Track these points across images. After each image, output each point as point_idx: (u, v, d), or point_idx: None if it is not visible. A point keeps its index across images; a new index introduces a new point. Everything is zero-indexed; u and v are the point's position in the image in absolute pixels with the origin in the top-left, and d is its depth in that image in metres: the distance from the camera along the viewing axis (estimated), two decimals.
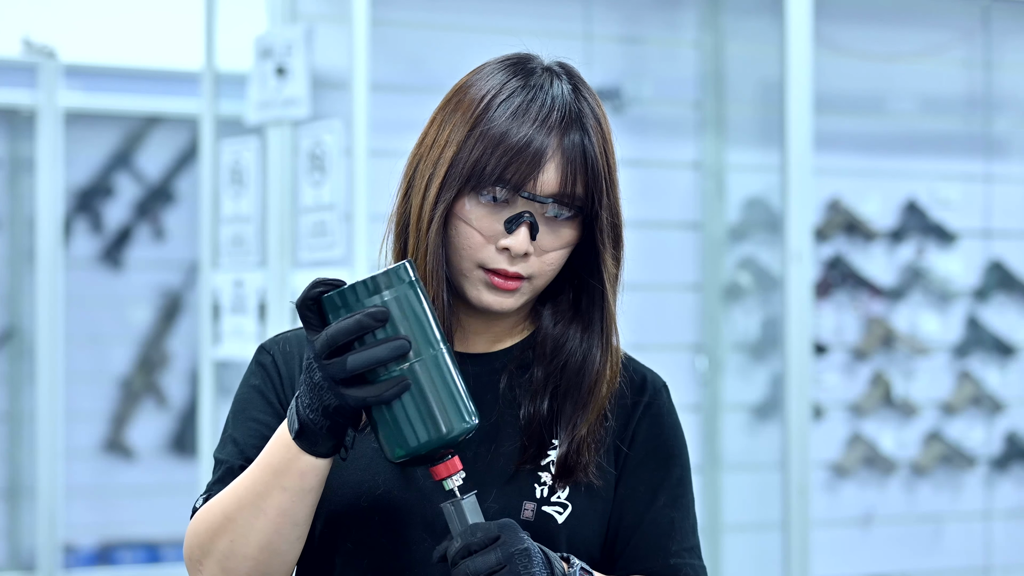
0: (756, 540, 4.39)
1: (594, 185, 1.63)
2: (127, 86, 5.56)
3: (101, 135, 5.63)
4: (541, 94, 1.64)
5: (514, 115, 1.62)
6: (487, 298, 1.64)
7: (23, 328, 5.40)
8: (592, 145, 1.63)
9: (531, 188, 1.62)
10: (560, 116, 1.63)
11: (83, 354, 5.52)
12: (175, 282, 5.70)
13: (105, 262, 5.66)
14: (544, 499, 1.66)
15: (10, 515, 5.38)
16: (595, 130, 1.65)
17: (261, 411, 1.69)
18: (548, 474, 1.66)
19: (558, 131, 1.62)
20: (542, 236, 1.64)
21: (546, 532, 1.65)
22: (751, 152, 4.48)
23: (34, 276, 5.11)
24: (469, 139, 1.63)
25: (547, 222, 1.64)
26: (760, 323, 4.46)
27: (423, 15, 4.08)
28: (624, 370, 1.74)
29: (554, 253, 1.65)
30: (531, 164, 1.61)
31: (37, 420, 5.03)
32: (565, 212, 1.64)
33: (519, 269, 1.64)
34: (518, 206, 1.63)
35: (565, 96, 1.64)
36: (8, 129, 5.42)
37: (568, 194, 1.62)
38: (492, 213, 1.63)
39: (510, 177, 1.61)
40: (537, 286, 1.66)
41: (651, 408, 1.74)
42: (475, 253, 1.64)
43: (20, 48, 5.13)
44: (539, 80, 1.65)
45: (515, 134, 1.61)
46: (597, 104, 1.68)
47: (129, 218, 5.69)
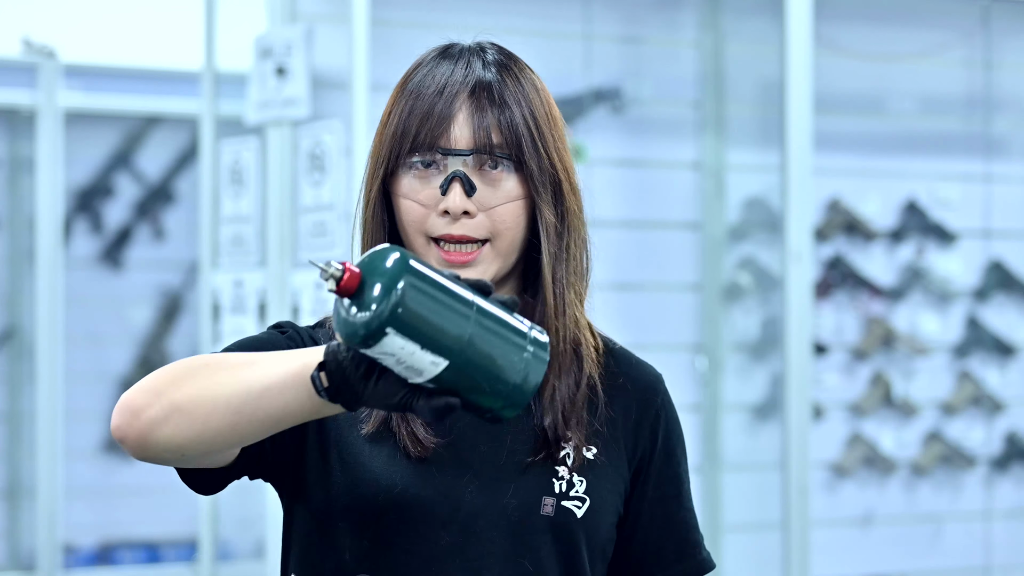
0: (756, 540, 4.39)
1: (511, 133, 1.63)
2: (127, 86, 5.56)
3: (101, 135, 5.63)
4: (454, 58, 1.66)
5: (425, 79, 1.64)
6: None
7: (23, 328, 5.40)
8: (505, 95, 1.64)
9: (445, 143, 1.62)
10: (469, 79, 1.64)
11: (83, 354, 5.52)
12: (175, 282, 5.70)
13: (105, 262, 5.66)
14: (563, 493, 1.64)
15: (10, 515, 5.38)
16: (513, 85, 1.65)
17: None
18: (565, 467, 1.65)
19: (466, 90, 1.63)
20: (482, 192, 1.63)
21: (566, 527, 1.64)
22: (751, 152, 4.48)
23: (34, 276, 5.11)
24: (392, 112, 1.65)
25: (482, 177, 1.63)
26: (760, 323, 4.46)
27: (423, 15, 4.08)
28: (628, 367, 1.74)
29: (503, 208, 1.64)
30: (440, 120, 1.62)
31: (37, 420, 5.03)
32: (500, 164, 1.63)
33: (466, 231, 1.63)
34: (447, 168, 1.62)
35: (478, 60, 1.66)
36: (8, 129, 5.42)
37: (485, 144, 1.62)
38: (425, 181, 1.64)
39: (424, 138, 1.62)
40: (500, 248, 1.65)
41: (664, 410, 1.74)
42: (420, 225, 1.64)
43: (20, 48, 5.13)
44: (456, 56, 1.67)
45: (425, 98, 1.63)
46: (523, 70, 1.69)
47: (129, 218, 5.69)
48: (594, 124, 4.29)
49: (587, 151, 4.27)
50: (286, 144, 3.65)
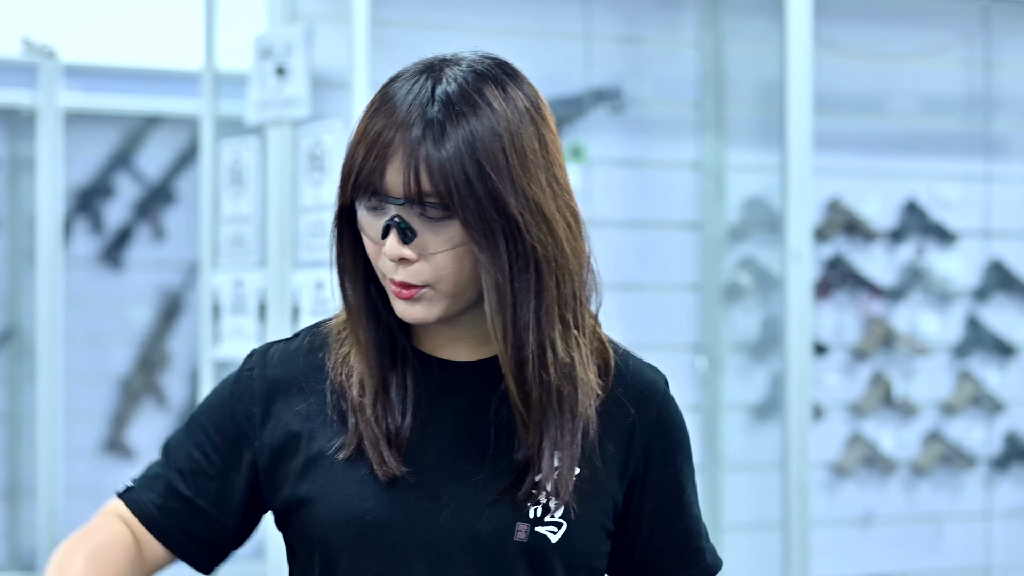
0: (756, 540, 4.39)
1: (444, 184, 1.55)
2: (127, 86, 5.55)
3: (101, 135, 5.62)
4: (406, 95, 1.58)
5: (371, 119, 1.59)
6: (400, 309, 1.61)
7: (23, 328, 5.40)
8: (442, 142, 1.55)
9: (381, 189, 1.57)
10: (408, 114, 1.57)
11: (83, 354, 5.52)
12: (175, 282, 5.70)
13: (105, 262, 5.66)
14: (538, 519, 1.62)
15: (10, 515, 5.38)
16: (460, 130, 1.56)
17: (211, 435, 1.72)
18: (543, 492, 1.63)
19: (403, 130, 1.56)
20: (423, 238, 1.57)
21: (540, 553, 1.62)
22: (751, 152, 4.48)
23: (34, 276, 5.11)
24: (346, 152, 1.62)
25: (425, 223, 1.57)
26: (760, 323, 4.46)
27: (423, 15, 4.08)
28: (625, 377, 1.71)
29: (442, 255, 1.58)
30: (374, 166, 1.57)
31: (37, 420, 5.03)
32: (437, 212, 1.56)
33: (404, 277, 1.58)
34: (388, 211, 1.57)
35: (424, 95, 1.58)
36: (8, 129, 5.42)
37: (415, 193, 1.55)
38: (375, 221, 1.59)
39: (361, 181, 1.58)
40: (444, 291, 1.59)
41: (662, 420, 1.70)
42: (376, 262, 1.61)
43: (20, 48, 5.13)
44: (417, 80, 1.59)
45: (366, 138, 1.58)
46: (493, 106, 1.58)
47: (129, 218, 5.69)
48: (594, 124, 4.29)
49: (587, 151, 4.27)
50: (286, 144, 3.65)
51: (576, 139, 4.26)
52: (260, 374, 1.69)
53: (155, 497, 1.69)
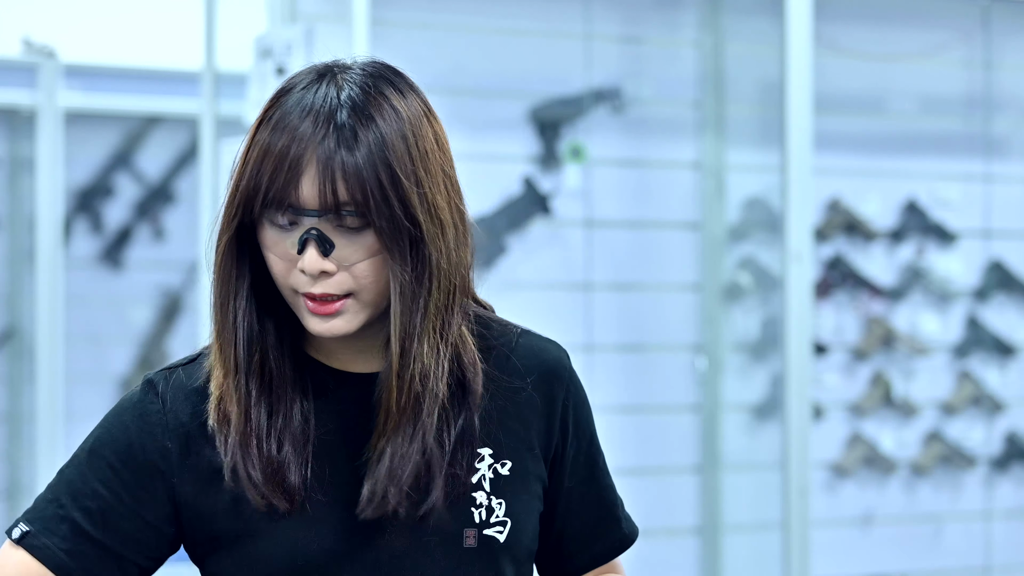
0: (756, 540, 4.39)
1: (360, 193, 1.51)
2: (127, 86, 5.56)
3: (101, 135, 5.63)
4: (308, 105, 1.54)
5: (274, 131, 1.53)
6: (315, 326, 1.56)
7: (23, 328, 5.40)
8: (353, 150, 1.52)
9: (295, 203, 1.52)
10: (317, 126, 1.52)
11: (83, 354, 5.52)
12: (175, 282, 5.70)
13: (105, 262, 5.66)
14: (484, 522, 1.62)
15: (10, 515, 5.38)
16: (370, 135, 1.53)
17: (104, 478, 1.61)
18: (483, 492, 1.62)
19: (316, 139, 1.52)
20: (341, 249, 1.53)
21: (489, 555, 1.61)
22: (751, 152, 4.47)
23: (34, 276, 5.11)
24: (243, 164, 1.55)
25: (341, 233, 1.53)
26: (760, 323, 4.46)
27: (423, 15, 4.08)
28: (526, 351, 1.67)
29: (361, 265, 1.54)
30: (286, 179, 1.51)
31: (37, 420, 5.03)
32: (354, 222, 1.53)
33: (326, 288, 1.54)
34: (303, 224, 1.53)
35: (332, 102, 1.54)
36: (8, 129, 5.42)
37: (331, 204, 1.52)
38: (284, 236, 1.54)
39: (273, 195, 1.52)
40: (366, 300, 1.56)
41: (571, 396, 1.69)
42: (285, 280, 1.55)
43: (20, 48, 5.13)
44: (316, 89, 1.55)
45: (272, 152, 1.53)
46: (397, 108, 1.56)
47: (129, 218, 5.69)
48: (594, 124, 4.29)
49: (587, 151, 4.27)
50: None
51: (576, 139, 4.26)
52: (171, 408, 1.61)
53: (59, 541, 1.60)
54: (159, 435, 1.60)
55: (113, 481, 1.59)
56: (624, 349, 4.25)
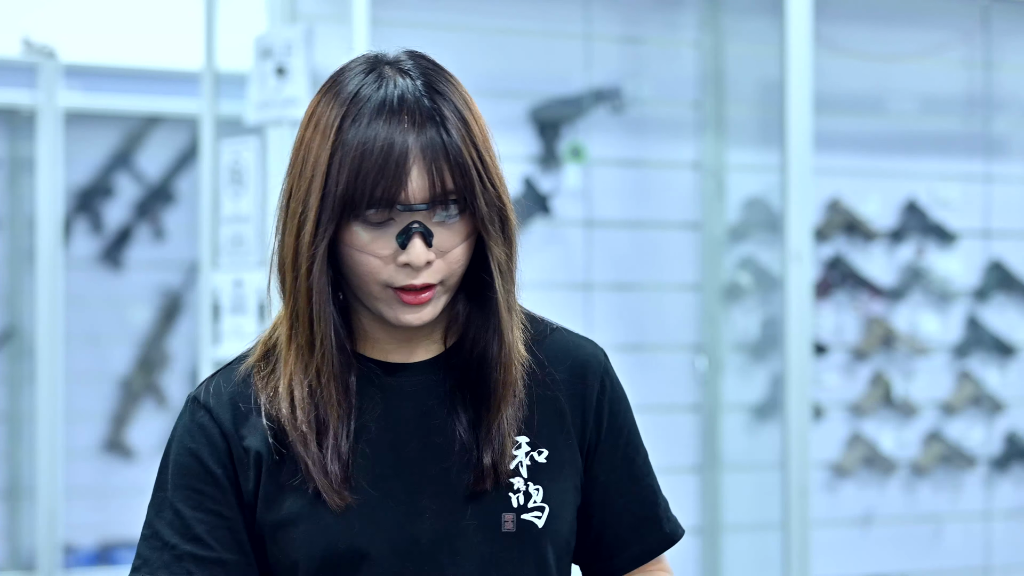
0: (756, 540, 4.39)
1: (463, 177, 1.55)
2: (127, 86, 5.56)
3: (101, 135, 5.63)
4: (389, 98, 1.55)
5: (367, 129, 1.54)
6: (405, 317, 1.58)
7: (23, 328, 5.40)
8: (451, 137, 1.55)
9: (404, 199, 1.54)
10: (411, 117, 1.54)
11: (83, 354, 5.52)
12: (175, 282, 5.70)
13: (105, 262, 5.66)
14: (522, 507, 1.63)
15: (10, 515, 5.38)
16: (453, 120, 1.56)
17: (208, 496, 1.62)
18: (520, 478, 1.63)
19: (413, 132, 1.54)
20: (439, 238, 1.56)
21: (530, 540, 1.62)
22: (751, 152, 4.48)
23: (34, 276, 5.11)
24: (331, 167, 1.55)
25: (438, 223, 1.57)
26: (760, 323, 4.46)
27: (423, 15, 4.08)
28: (558, 345, 1.69)
29: (455, 251, 1.58)
30: (396, 176, 1.53)
31: (37, 420, 5.03)
32: (452, 209, 1.56)
33: (427, 279, 1.57)
34: (403, 219, 1.55)
35: (413, 93, 1.56)
36: (8, 129, 5.42)
37: (440, 193, 1.55)
38: (380, 233, 1.56)
39: (380, 195, 1.53)
40: (450, 285, 1.60)
41: (606, 390, 1.70)
42: (378, 276, 1.57)
43: (20, 48, 5.13)
44: (385, 83, 1.57)
45: (372, 150, 1.53)
46: (456, 92, 1.59)
47: (129, 218, 5.69)
48: (594, 124, 4.29)
49: (587, 151, 4.27)
50: (286, 144, 3.65)
51: (576, 139, 4.26)
52: (217, 414, 1.64)
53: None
54: (219, 442, 1.63)
55: (206, 502, 1.62)
56: (624, 349, 4.25)
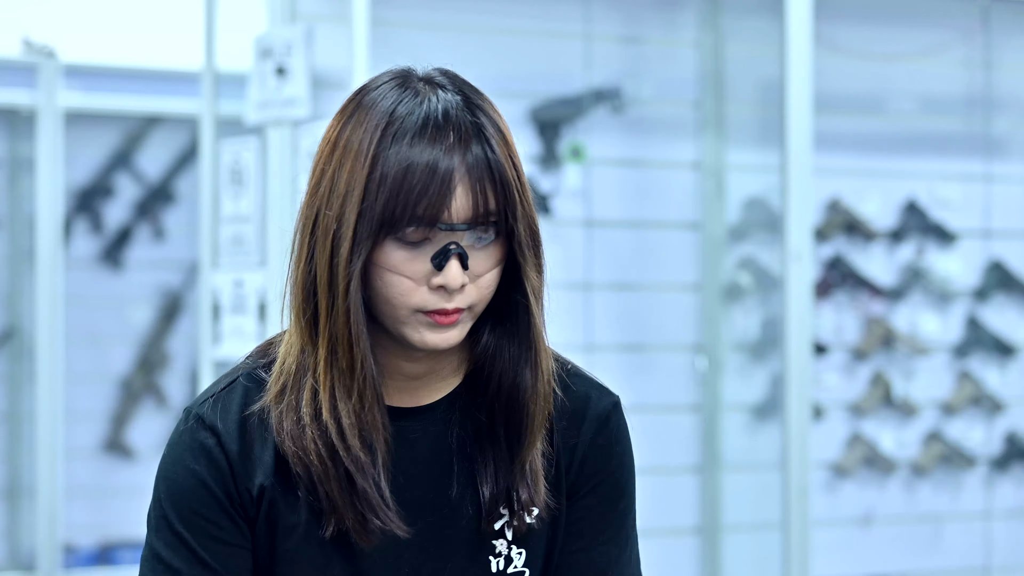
0: (756, 540, 4.39)
1: (506, 198, 1.50)
2: (127, 86, 5.56)
3: (101, 135, 5.63)
4: (432, 114, 1.50)
5: (410, 146, 1.48)
6: (431, 339, 1.52)
7: (23, 328, 5.40)
8: (496, 155, 1.50)
9: (446, 219, 1.48)
10: (456, 134, 1.49)
11: (83, 354, 5.52)
12: (175, 282, 5.70)
13: (105, 262, 5.66)
14: (501, 572, 1.58)
15: (10, 515, 5.38)
16: (496, 138, 1.51)
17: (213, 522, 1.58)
18: (504, 540, 1.58)
19: (459, 150, 1.49)
20: (473, 261, 1.51)
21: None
22: (751, 152, 4.48)
23: (34, 276, 5.11)
24: (371, 183, 1.48)
25: (474, 246, 1.51)
26: (760, 323, 4.46)
27: (423, 15, 4.08)
28: (565, 394, 1.63)
29: (488, 275, 1.52)
30: (440, 194, 1.47)
31: (37, 420, 5.03)
32: (488, 232, 1.51)
33: (459, 303, 1.51)
34: (440, 239, 1.49)
35: (456, 110, 1.51)
36: (8, 129, 5.42)
37: (483, 214, 1.49)
38: (416, 254, 1.50)
39: (423, 213, 1.47)
40: (476, 312, 1.54)
41: (598, 439, 1.63)
42: (408, 299, 1.51)
43: (20, 48, 5.13)
44: (424, 99, 1.51)
45: (416, 166, 1.47)
46: (492, 108, 1.54)
47: (129, 218, 5.69)
48: (594, 124, 4.29)
49: (587, 151, 4.27)
50: (286, 144, 3.65)
51: (576, 139, 4.26)
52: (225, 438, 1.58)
53: None
54: (224, 468, 1.57)
55: (209, 527, 1.56)
56: (624, 349, 4.25)
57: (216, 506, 1.56)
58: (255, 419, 1.58)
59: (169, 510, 1.57)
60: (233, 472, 1.57)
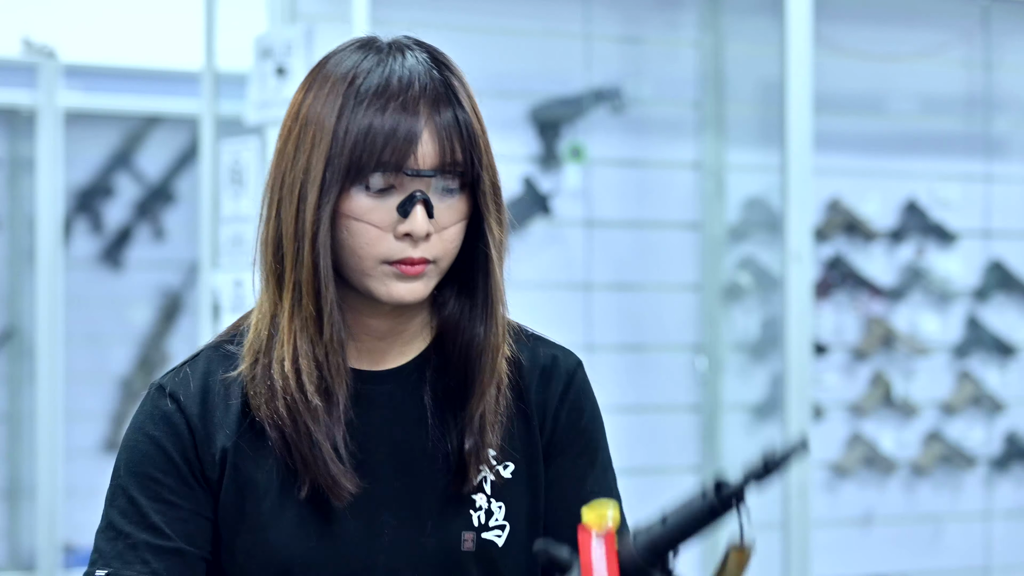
0: (756, 540, 4.38)
1: (472, 149, 1.53)
2: (127, 86, 5.56)
3: (101, 135, 5.63)
4: (399, 69, 1.53)
5: (376, 96, 1.52)
6: (398, 291, 1.54)
7: (23, 328, 5.40)
8: (464, 111, 1.54)
9: (412, 164, 1.51)
10: (424, 88, 1.52)
11: (83, 354, 5.52)
12: (175, 282, 5.70)
13: (105, 262, 5.66)
14: (483, 525, 1.59)
15: (10, 515, 5.38)
16: (464, 95, 1.55)
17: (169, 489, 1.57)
18: (483, 495, 1.59)
19: (427, 102, 1.52)
20: (438, 213, 1.53)
21: (488, 560, 1.58)
22: (751, 152, 4.48)
23: (34, 276, 5.11)
24: (337, 134, 1.51)
25: (439, 197, 1.53)
26: (760, 323, 4.46)
27: (423, 15, 4.08)
28: (534, 355, 1.65)
29: (452, 228, 1.55)
30: (407, 139, 1.50)
31: (37, 420, 5.03)
32: (453, 183, 1.54)
33: (423, 253, 1.53)
34: (406, 187, 1.52)
35: (424, 66, 1.54)
36: (8, 129, 5.42)
37: (450, 163, 1.52)
38: (381, 202, 1.52)
39: (388, 158, 1.50)
40: (442, 268, 1.56)
41: (568, 395, 1.65)
42: (375, 248, 1.53)
43: (20, 48, 5.13)
44: (390, 57, 1.55)
45: (384, 114, 1.51)
46: (458, 68, 1.58)
47: (129, 218, 5.69)
48: (594, 124, 4.29)
49: (587, 151, 4.27)
50: None
51: (576, 139, 4.26)
52: (185, 404, 1.59)
53: (142, 567, 1.55)
54: (184, 432, 1.58)
55: (164, 491, 1.57)
56: (624, 349, 4.25)
57: (173, 470, 1.57)
58: (219, 385, 1.59)
59: (126, 477, 1.57)
60: (194, 436, 1.57)
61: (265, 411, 1.56)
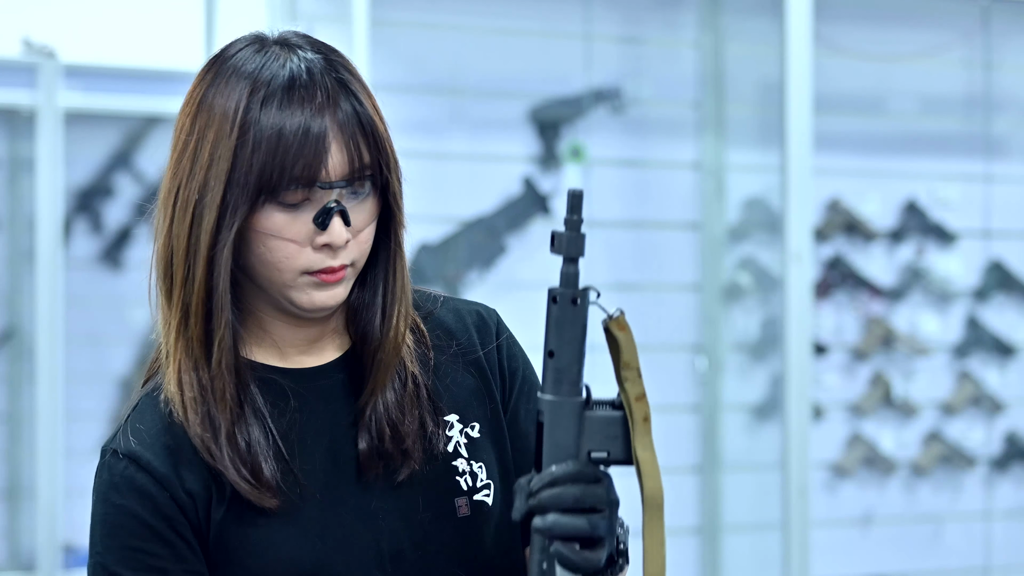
0: (756, 540, 4.39)
1: (379, 150, 1.53)
2: (127, 86, 5.55)
3: (101, 135, 5.62)
4: (297, 75, 1.51)
5: (280, 109, 1.49)
6: (319, 298, 1.54)
7: (23, 328, 5.40)
8: (365, 109, 1.52)
9: (324, 177, 1.49)
10: (324, 92, 1.50)
11: (83, 354, 5.52)
12: None
13: (105, 262, 5.66)
14: (472, 488, 1.60)
15: (10, 515, 5.38)
16: (362, 92, 1.53)
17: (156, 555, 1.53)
18: (462, 459, 1.60)
19: (329, 108, 1.50)
20: (353, 217, 1.52)
21: (484, 519, 1.60)
22: (751, 152, 4.48)
23: (34, 276, 5.11)
24: (242, 151, 1.48)
25: (351, 201, 1.53)
26: (760, 323, 4.46)
27: (423, 15, 4.08)
28: (462, 314, 1.67)
29: (367, 230, 1.55)
30: (316, 153, 1.48)
31: (37, 420, 5.03)
32: (364, 188, 1.53)
33: (343, 260, 1.52)
34: (319, 199, 1.50)
35: (319, 69, 1.52)
36: (8, 129, 5.42)
37: (359, 168, 1.51)
38: (296, 215, 1.50)
39: (300, 173, 1.48)
40: (358, 268, 1.56)
41: (501, 341, 1.68)
42: (294, 262, 1.51)
43: (20, 48, 5.13)
44: (285, 60, 1.52)
45: (289, 129, 1.48)
46: (350, 63, 1.56)
47: (129, 218, 5.69)
48: (594, 124, 4.29)
49: (587, 151, 4.27)
50: None
51: (576, 139, 4.26)
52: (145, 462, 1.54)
53: None
54: (153, 491, 1.53)
55: (148, 559, 1.52)
56: None
57: (150, 535, 1.53)
58: (178, 428, 1.55)
59: (104, 554, 1.53)
60: (165, 487, 1.53)
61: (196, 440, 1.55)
